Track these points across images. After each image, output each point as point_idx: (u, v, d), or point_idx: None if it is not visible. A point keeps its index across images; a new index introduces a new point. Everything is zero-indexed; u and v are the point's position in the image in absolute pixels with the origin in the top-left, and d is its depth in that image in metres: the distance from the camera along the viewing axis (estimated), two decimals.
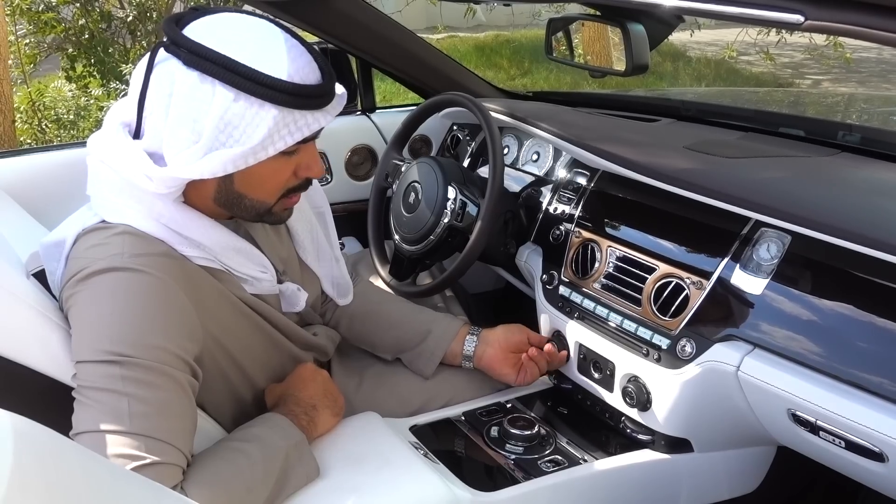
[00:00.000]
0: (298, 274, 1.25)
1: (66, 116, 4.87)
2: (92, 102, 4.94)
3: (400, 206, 1.57)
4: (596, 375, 1.32)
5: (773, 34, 5.71)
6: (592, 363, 1.33)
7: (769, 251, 1.13)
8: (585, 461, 1.22)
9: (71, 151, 1.69)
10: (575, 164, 1.54)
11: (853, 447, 1.00)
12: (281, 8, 1.63)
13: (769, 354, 1.09)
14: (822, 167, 1.34)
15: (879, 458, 0.98)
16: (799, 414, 1.05)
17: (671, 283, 1.23)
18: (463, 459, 1.20)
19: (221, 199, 1.04)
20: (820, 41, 6.02)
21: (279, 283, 1.17)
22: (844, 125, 1.71)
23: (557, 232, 1.48)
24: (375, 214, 1.70)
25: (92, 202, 1.05)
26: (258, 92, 0.94)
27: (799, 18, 0.70)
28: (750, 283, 1.14)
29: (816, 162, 1.37)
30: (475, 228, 1.41)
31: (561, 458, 1.22)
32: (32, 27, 5.33)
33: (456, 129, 1.95)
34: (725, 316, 1.15)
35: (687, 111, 1.75)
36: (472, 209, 1.47)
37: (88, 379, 0.92)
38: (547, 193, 1.56)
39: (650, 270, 1.27)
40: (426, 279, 1.65)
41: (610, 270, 1.34)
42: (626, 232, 1.36)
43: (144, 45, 5.50)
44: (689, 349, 1.16)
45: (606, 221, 1.40)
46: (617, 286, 1.32)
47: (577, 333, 1.36)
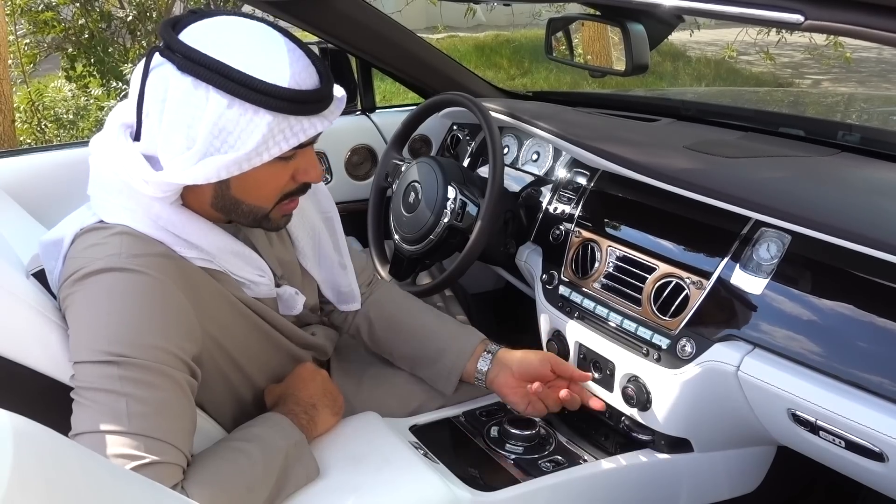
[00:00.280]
0: (299, 278, 1.24)
1: (65, 116, 4.87)
2: (92, 102, 4.94)
3: (400, 205, 1.57)
4: (596, 375, 1.32)
5: (773, 34, 5.71)
6: (592, 363, 1.33)
7: (769, 251, 1.13)
8: (585, 461, 1.22)
9: (71, 151, 1.69)
10: (575, 163, 1.54)
11: (853, 447, 1.00)
12: (280, 8, 1.63)
13: (769, 354, 1.09)
14: (821, 167, 1.34)
15: (879, 457, 0.98)
16: (799, 414, 1.05)
17: (671, 282, 1.23)
18: (463, 459, 1.20)
19: (218, 203, 1.04)
20: (820, 41, 6.03)
21: (277, 286, 1.17)
22: (844, 125, 1.71)
23: (557, 232, 1.48)
24: (375, 214, 1.70)
25: (91, 202, 1.05)
26: (252, 98, 0.93)
27: (799, 18, 0.70)
28: (750, 282, 1.14)
29: (816, 162, 1.37)
30: (475, 228, 1.41)
31: (561, 457, 1.22)
32: (32, 27, 5.34)
33: (456, 128, 1.95)
34: (725, 316, 1.15)
35: (687, 111, 1.75)
36: (471, 209, 1.47)
37: (86, 379, 0.92)
38: (547, 193, 1.57)
39: (650, 270, 1.27)
40: (426, 279, 1.65)
41: (610, 270, 1.34)
42: (626, 232, 1.36)
43: (144, 44, 5.51)
44: (689, 349, 1.16)
45: (606, 221, 1.40)
46: (617, 286, 1.32)
47: (576, 333, 1.36)
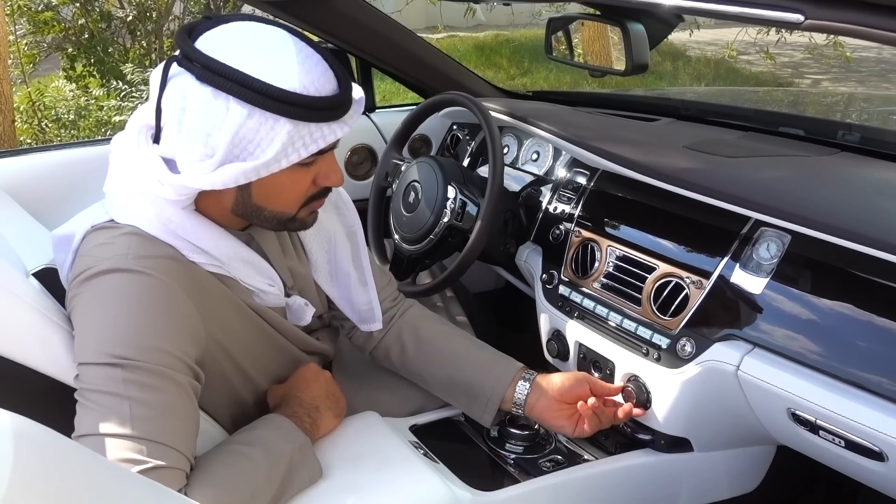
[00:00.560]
0: (313, 290, 1.23)
1: (65, 116, 4.87)
2: (92, 102, 4.94)
3: (400, 205, 1.57)
4: (596, 375, 1.32)
5: (772, 33, 5.71)
6: (592, 363, 1.33)
7: (769, 250, 1.13)
8: (585, 461, 1.22)
9: (71, 151, 1.69)
10: (575, 163, 1.54)
11: (853, 446, 1.00)
12: (281, 7, 1.63)
13: (769, 354, 1.09)
14: (821, 166, 1.34)
15: (879, 457, 0.98)
16: (799, 413, 1.05)
17: (671, 282, 1.23)
18: (463, 459, 1.20)
19: (239, 210, 1.04)
20: (820, 40, 6.03)
21: (287, 296, 1.16)
22: (844, 125, 1.71)
23: (557, 231, 1.48)
24: (375, 214, 1.70)
25: (106, 199, 1.05)
26: (272, 107, 0.93)
27: (799, 18, 0.70)
28: (750, 282, 1.14)
29: (816, 161, 1.37)
30: (475, 228, 1.41)
31: (561, 457, 1.22)
32: (32, 27, 5.34)
33: (456, 128, 1.95)
34: (725, 315, 1.15)
35: (686, 111, 1.75)
36: (471, 209, 1.47)
37: (90, 381, 0.92)
38: (547, 193, 1.57)
39: (650, 270, 1.27)
40: (426, 279, 1.65)
41: (610, 270, 1.34)
42: (625, 231, 1.36)
43: (144, 44, 5.51)
44: (688, 348, 1.16)
45: (606, 221, 1.40)
46: (617, 286, 1.32)
47: (576, 333, 1.36)
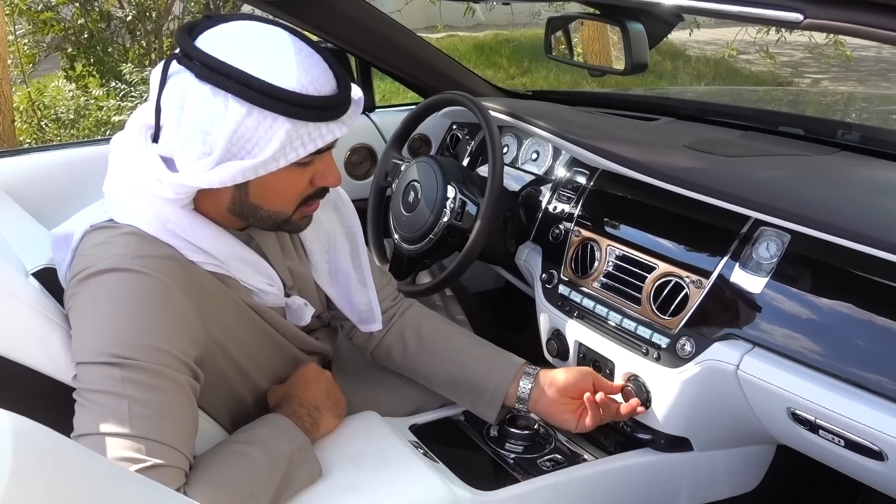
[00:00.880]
0: (312, 290, 1.23)
1: (65, 116, 4.87)
2: (91, 102, 4.94)
3: (399, 205, 1.57)
4: None
5: (772, 33, 5.71)
6: (592, 362, 1.33)
7: (769, 250, 1.13)
8: (585, 460, 1.22)
9: (71, 151, 1.69)
10: (574, 163, 1.54)
11: (853, 446, 1.00)
12: (280, 7, 1.63)
13: (769, 353, 1.09)
14: (821, 166, 1.34)
15: (879, 456, 0.98)
16: (798, 413, 1.05)
17: (671, 281, 1.23)
18: (463, 458, 1.20)
19: (236, 209, 1.04)
20: (820, 40, 6.03)
21: (287, 296, 1.16)
22: (844, 124, 1.71)
23: (557, 231, 1.48)
24: (375, 213, 1.70)
25: (105, 199, 1.05)
26: (271, 105, 0.93)
27: (798, 17, 0.70)
28: (749, 281, 1.14)
29: (816, 161, 1.37)
30: (475, 227, 1.41)
31: (560, 457, 1.22)
32: (31, 27, 5.34)
33: (455, 128, 1.95)
34: (725, 315, 1.15)
35: (686, 110, 1.75)
36: (471, 208, 1.47)
37: (88, 381, 0.92)
38: (546, 192, 1.57)
39: (650, 269, 1.27)
40: (426, 278, 1.65)
41: (609, 269, 1.34)
42: (625, 231, 1.36)
43: (143, 44, 5.51)
44: (688, 348, 1.16)
45: (606, 220, 1.40)
46: (616, 285, 1.32)
47: (576, 332, 1.36)
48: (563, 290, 1.41)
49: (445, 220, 1.47)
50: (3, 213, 1.33)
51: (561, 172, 1.56)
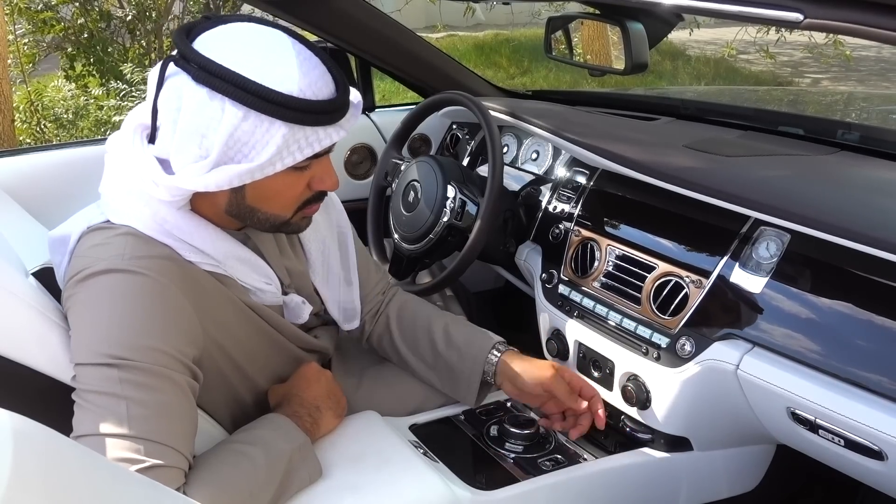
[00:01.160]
0: (310, 288, 1.23)
1: (65, 116, 4.87)
2: (91, 102, 4.94)
3: (399, 205, 1.57)
4: (595, 374, 1.32)
5: (772, 32, 5.71)
6: (592, 362, 1.33)
7: (768, 250, 1.13)
8: (585, 460, 1.22)
9: (70, 151, 1.69)
10: (574, 162, 1.54)
11: (852, 445, 1.00)
12: (280, 7, 1.63)
13: (768, 353, 1.09)
14: (821, 166, 1.34)
15: (879, 456, 0.98)
16: (798, 412, 1.05)
17: (670, 281, 1.23)
18: (463, 458, 1.20)
19: (233, 210, 1.04)
20: (819, 39, 6.03)
21: (284, 294, 1.16)
22: (844, 124, 1.71)
23: (557, 231, 1.48)
24: (375, 213, 1.70)
25: (101, 200, 1.05)
26: (267, 109, 0.92)
27: (798, 17, 0.70)
28: (749, 281, 1.14)
29: (816, 160, 1.37)
30: (474, 227, 1.41)
31: (560, 456, 1.22)
32: (31, 26, 5.34)
33: (455, 128, 1.95)
34: (725, 315, 1.15)
35: (686, 110, 1.75)
36: (471, 208, 1.47)
37: (87, 382, 0.92)
38: (546, 192, 1.57)
39: (649, 269, 1.27)
40: (426, 278, 1.65)
41: (609, 269, 1.34)
42: (625, 230, 1.36)
43: (143, 44, 5.51)
44: (688, 348, 1.16)
45: (606, 220, 1.40)
46: (616, 285, 1.32)
47: (576, 332, 1.36)
48: (563, 289, 1.41)
49: (445, 219, 1.47)
50: (2, 212, 1.33)
51: (561, 172, 1.56)
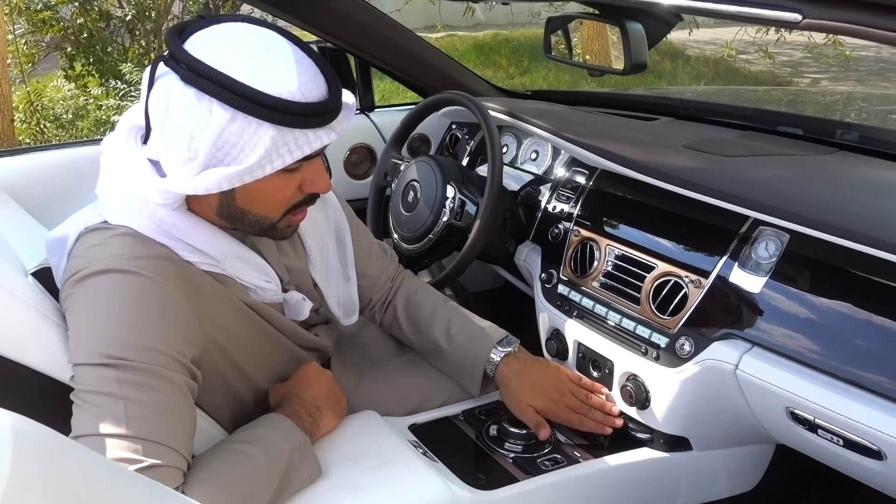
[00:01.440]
0: (309, 284, 1.23)
1: (64, 116, 4.87)
2: (90, 101, 4.94)
3: (399, 204, 1.57)
4: (595, 374, 1.32)
5: (771, 33, 5.72)
6: (591, 362, 1.33)
7: (768, 250, 1.14)
8: (584, 459, 1.22)
9: (70, 151, 1.69)
10: (574, 162, 1.54)
11: (851, 445, 1.00)
12: (279, 7, 1.63)
13: (768, 353, 1.09)
14: (820, 166, 1.35)
15: (878, 455, 0.98)
16: (797, 412, 1.05)
17: (670, 281, 1.23)
18: (462, 458, 1.20)
19: (224, 212, 1.04)
20: (819, 40, 6.03)
21: (284, 291, 1.16)
22: (843, 124, 1.71)
23: (556, 230, 1.48)
24: (374, 213, 1.70)
25: (98, 201, 1.05)
26: (255, 111, 0.91)
27: (797, 17, 0.70)
28: (748, 281, 1.14)
29: (815, 160, 1.37)
30: (474, 227, 1.41)
31: (559, 456, 1.22)
32: (31, 26, 5.34)
33: (455, 127, 1.95)
34: (724, 314, 1.16)
35: (685, 110, 1.75)
36: (470, 208, 1.47)
37: (85, 382, 0.92)
38: (546, 192, 1.57)
39: (649, 269, 1.27)
40: (425, 278, 1.65)
41: (609, 269, 1.34)
42: (624, 230, 1.36)
43: (143, 44, 5.51)
44: (687, 347, 1.17)
45: (605, 220, 1.40)
46: (616, 285, 1.32)
47: (575, 332, 1.36)
48: (562, 289, 1.41)
49: (445, 219, 1.47)
50: (2, 212, 1.33)
51: (560, 172, 1.57)
